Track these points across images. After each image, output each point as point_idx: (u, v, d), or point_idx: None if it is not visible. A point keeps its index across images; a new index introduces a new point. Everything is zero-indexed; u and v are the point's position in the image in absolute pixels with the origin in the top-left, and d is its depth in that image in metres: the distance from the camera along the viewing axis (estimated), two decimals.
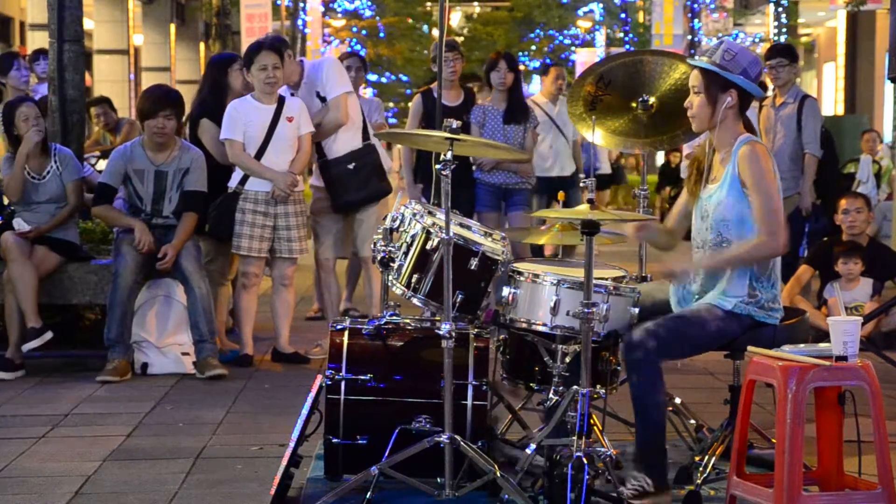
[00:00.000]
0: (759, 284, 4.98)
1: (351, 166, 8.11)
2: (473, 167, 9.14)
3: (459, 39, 12.40)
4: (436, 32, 37.52)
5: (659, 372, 4.87)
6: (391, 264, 5.23)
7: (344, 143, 8.17)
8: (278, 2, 29.34)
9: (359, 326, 5.23)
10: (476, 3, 43.54)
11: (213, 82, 8.28)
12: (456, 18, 42.43)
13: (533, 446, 4.98)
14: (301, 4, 30.45)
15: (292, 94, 8.12)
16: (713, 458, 5.12)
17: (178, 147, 7.80)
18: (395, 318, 5.24)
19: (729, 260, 4.97)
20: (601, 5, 38.05)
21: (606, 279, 5.15)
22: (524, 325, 5.14)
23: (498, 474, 4.75)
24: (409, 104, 9.88)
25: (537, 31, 40.28)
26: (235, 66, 8.20)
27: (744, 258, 4.95)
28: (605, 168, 19.89)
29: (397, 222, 5.30)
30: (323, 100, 8.14)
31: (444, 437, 4.81)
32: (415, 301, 5.16)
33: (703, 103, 5.02)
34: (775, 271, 5.02)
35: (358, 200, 8.19)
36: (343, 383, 5.09)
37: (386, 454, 4.88)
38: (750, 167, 4.93)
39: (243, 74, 8.05)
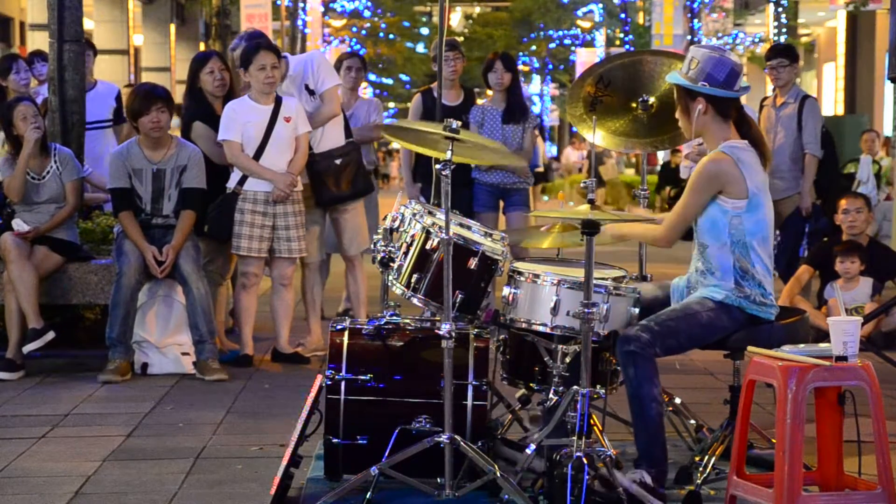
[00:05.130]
0: (745, 282, 5.02)
1: (338, 161, 8.13)
2: (473, 165, 9.13)
3: (459, 40, 12.32)
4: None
5: (654, 365, 4.89)
6: (391, 264, 5.23)
7: (330, 138, 8.19)
8: (278, 2, 29.35)
9: (359, 326, 5.22)
10: (476, 4, 43.55)
11: (190, 85, 8.28)
12: (455, 19, 42.42)
13: (533, 446, 4.98)
14: (301, 4, 30.46)
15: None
16: (713, 458, 5.12)
17: (174, 145, 7.79)
18: (395, 318, 5.24)
19: (626, 233, 5.26)
20: (601, 6, 38.01)
21: (606, 279, 5.16)
22: (524, 325, 5.15)
23: (498, 474, 4.75)
24: (409, 104, 9.86)
25: (538, 31, 40.28)
26: (206, 69, 8.16)
27: (638, 235, 5.31)
28: (540, 167, 22.77)
29: (397, 222, 5.29)
30: (311, 92, 8.15)
31: (444, 437, 4.81)
32: (415, 301, 5.15)
33: (681, 114, 5.17)
34: (758, 271, 5.04)
35: (345, 196, 8.18)
36: (343, 383, 5.09)
37: (386, 454, 4.88)
38: (695, 172, 5.05)
39: (214, 76, 8.05)
